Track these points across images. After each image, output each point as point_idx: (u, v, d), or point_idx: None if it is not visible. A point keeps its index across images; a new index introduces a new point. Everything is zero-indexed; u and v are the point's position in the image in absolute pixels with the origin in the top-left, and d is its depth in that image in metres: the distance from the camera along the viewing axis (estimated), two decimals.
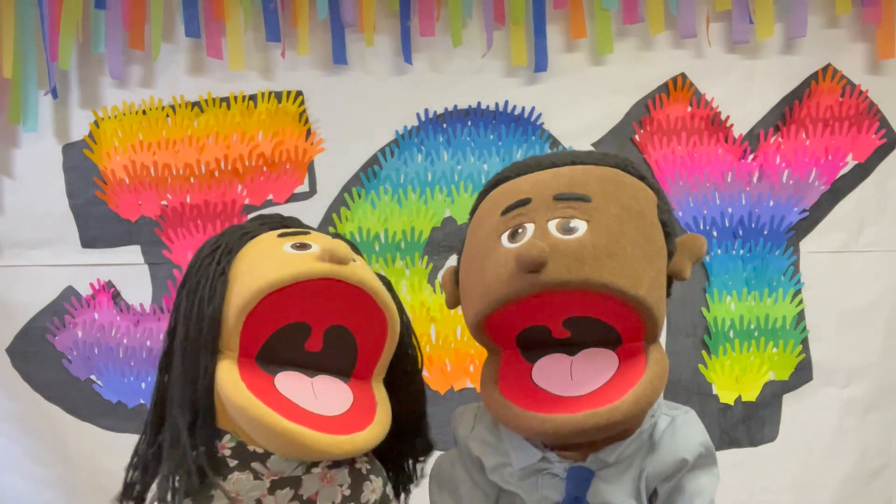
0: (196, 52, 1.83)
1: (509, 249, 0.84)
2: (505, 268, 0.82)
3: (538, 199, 0.86)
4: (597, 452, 0.86)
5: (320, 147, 1.83)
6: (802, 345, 1.79)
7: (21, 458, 1.79)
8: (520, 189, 0.90)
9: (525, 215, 0.86)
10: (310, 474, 0.92)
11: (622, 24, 1.81)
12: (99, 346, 1.82)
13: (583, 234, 0.82)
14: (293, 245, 0.92)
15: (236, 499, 0.89)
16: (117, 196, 1.82)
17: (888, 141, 1.80)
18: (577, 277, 0.80)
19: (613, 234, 0.83)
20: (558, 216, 0.84)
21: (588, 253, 0.81)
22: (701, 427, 0.91)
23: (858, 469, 1.78)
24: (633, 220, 0.85)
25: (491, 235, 0.88)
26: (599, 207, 0.84)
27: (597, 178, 0.87)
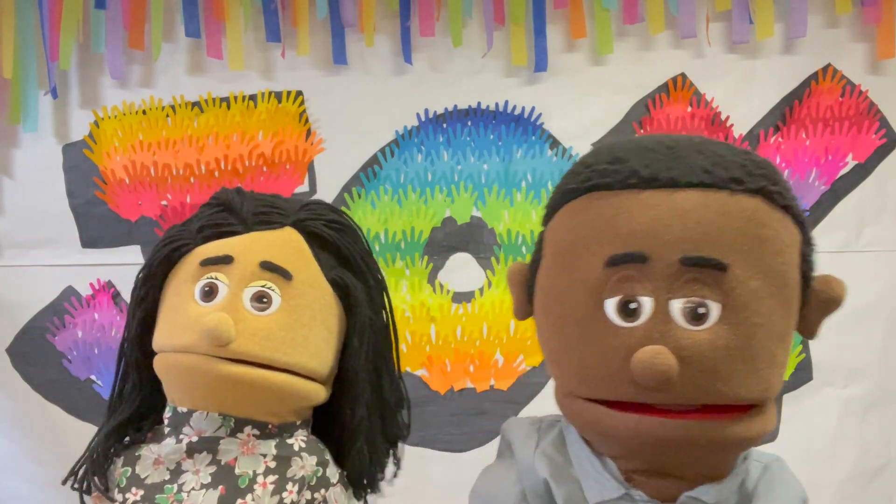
0: (196, 52, 1.83)
1: (619, 332, 0.69)
2: (614, 363, 0.68)
3: (658, 260, 0.68)
4: (690, 492, 0.72)
5: (320, 147, 1.83)
6: (802, 345, 1.79)
7: (21, 458, 1.79)
8: (631, 229, 0.69)
9: (640, 282, 0.68)
10: (231, 438, 0.94)
11: (622, 24, 1.81)
12: (99, 346, 1.82)
13: (715, 326, 0.67)
14: (201, 290, 0.92)
15: (158, 460, 0.95)
16: (117, 196, 1.82)
17: (888, 141, 1.80)
18: (706, 394, 0.67)
19: (752, 325, 0.68)
20: (685, 296, 0.67)
21: (721, 361, 0.66)
22: (795, 477, 0.80)
23: (858, 469, 1.78)
24: (775, 290, 0.70)
25: (592, 294, 0.71)
26: (737, 281, 0.68)
27: (735, 229, 0.68)
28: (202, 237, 0.97)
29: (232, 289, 0.91)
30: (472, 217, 1.83)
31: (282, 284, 0.93)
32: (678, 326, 0.67)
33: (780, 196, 0.71)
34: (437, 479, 1.73)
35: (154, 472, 0.94)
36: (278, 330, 0.92)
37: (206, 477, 0.93)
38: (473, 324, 1.80)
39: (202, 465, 0.93)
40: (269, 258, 0.93)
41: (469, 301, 1.81)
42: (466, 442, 1.79)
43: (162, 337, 0.95)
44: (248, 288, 0.92)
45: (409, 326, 1.80)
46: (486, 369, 1.80)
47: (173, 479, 0.93)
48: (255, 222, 0.97)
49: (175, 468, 0.94)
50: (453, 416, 1.80)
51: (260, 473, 0.93)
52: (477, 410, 1.79)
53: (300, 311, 0.94)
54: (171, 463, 0.94)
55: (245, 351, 0.89)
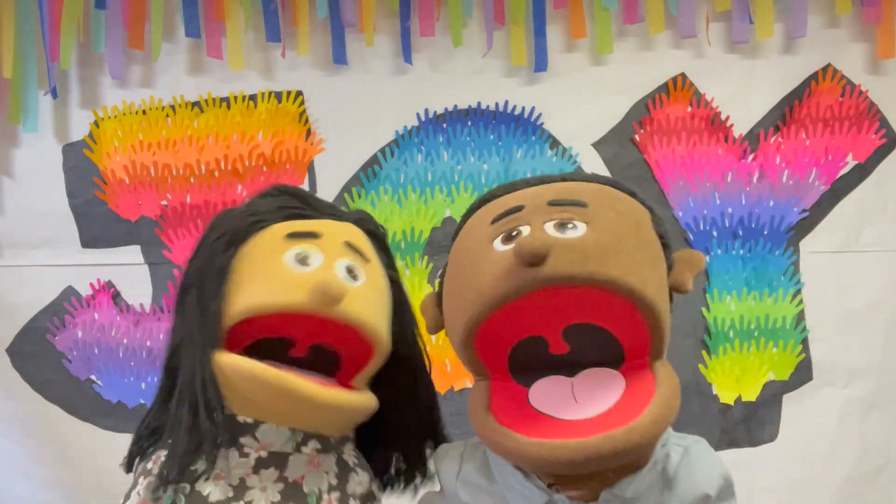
0: (196, 52, 1.83)
1: (505, 250, 0.76)
2: (501, 265, 0.75)
3: (532, 206, 0.80)
4: (610, 489, 0.76)
5: (320, 147, 1.83)
6: (802, 345, 1.79)
7: (21, 459, 1.79)
8: (510, 201, 0.84)
9: (519, 220, 0.79)
10: (298, 454, 0.92)
11: (622, 24, 1.81)
12: (99, 346, 1.82)
13: (584, 233, 0.76)
14: (295, 257, 0.91)
15: (219, 475, 0.88)
16: (117, 196, 1.82)
17: (888, 141, 1.80)
18: (583, 271, 0.72)
19: (615, 235, 0.76)
20: (556, 218, 0.77)
21: (591, 249, 0.73)
22: (716, 457, 0.85)
23: (858, 469, 1.78)
24: (632, 225, 0.80)
25: (481, 243, 0.81)
26: (597, 212, 0.78)
27: (590, 190, 0.84)
28: (281, 216, 0.96)
29: (326, 259, 0.92)
30: None
31: (363, 264, 0.96)
32: (552, 235, 0.76)
33: (623, 185, 0.87)
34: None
35: (215, 488, 0.87)
36: (371, 300, 0.94)
37: (275, 495, 0.89)
38: None
39: (269, 482, 0.89)
40: (351, 240, 0.96)
41: None
42: None
43: (254, 297, 0.88)
44: (339, 261, 0.93)
45: None
46: None
47: (238, 496, 0.88)
48: (327, 213, 1.01)
49: (239, 483, 0.89)
50: (453, 417, 1.78)
51: (325, 490, 0.92)
52: None
53: (379, 291, 0.97)
54: (234, 479, 0.88)
55: (349, 313, 0.89)
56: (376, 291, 0.96)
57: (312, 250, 0.92)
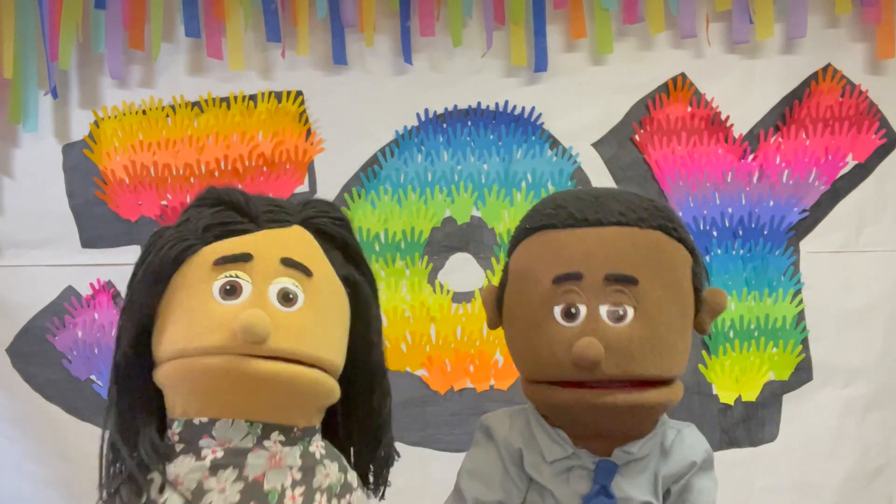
0: (196, 52, 1.83)
1: (564, 330, 0.94)
2: (560, 352, 0.93)
3: (589, 277, 0.94)
4: (622, 447, 0.97)
5: (320, 147, 1.83)
6: (802, 345, 1.79)
7: (21, 458, 1.78)
8: (569, 255, 0.97)
9: (577, 294, 0.95)
10: (259, 451, 0.89)
11: (622, 24, 1.81)
12: (99, 346, 1.82)
13: (630, 323, 0.93)
14: (222, 289, 0.88)
15: (176, 481, 0.87)
16: (117, 196, 1.82)
17: (888, 141, 1.80)
18: (626, 374, 0.92)
19: (657, 322, 0.94)
20: (609, 302, 0.94)
21: (636, 347, 0.92)
22: (703, 438, 1.05)
23: (858, 469, 1.78)
24: (673, 298, 0.96)
25: (544, 304, 0.96)
26: (645, 291, 0.94)
27: (643, 253, 0.96)
28: (211, 236, 0.92)
29: (256, 286, 0.88)
30: (472, 217, 1.83)
31: (303, 281, 0.91)
32: (605, 324, 0.93)
33: (674, 231, 0.98)
34: (437, 479, 1.72)
35: (172, 495, 0.87)
36: (308, 327, 0.89)
37: (235, 495, 0.87)
38: (473, 324, 1.80)
39: (227, 483, 0.88)
40: (289, 254, 0.91)
41: (469, 301, 1.81)
42: (466, 442, 1.77)
43: (178, 341, 0.88)
44: (272, 285, 0.89)
45: (409, 326, 1.80)
46: (486, 369, 1.80)
47: (196, 500, 0.87)
48: (265, 220, 0.95)
49: (196, 488, 0.87)
50: (453, 416, 1.80)
51: (288, 487, 0.90)
52: (477, 410, 1.78)
53: (322, 309, 0.92)
54: (191, 483, 0.87)
55: (281, 347, 0.86)
56: (318, 311, 0.92)
57: (242, 278, 0.88)
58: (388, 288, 1.80)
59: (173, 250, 0.91)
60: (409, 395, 1.78)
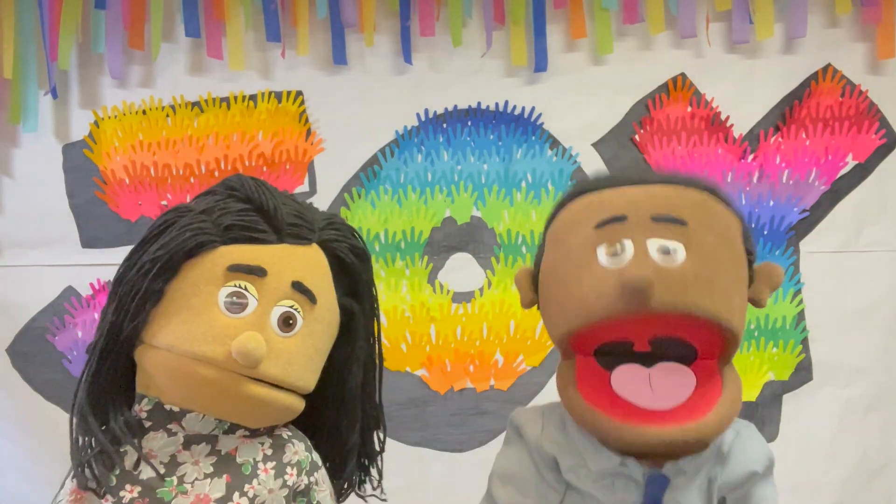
0: (196, 52, 1.83)
1: (609, 268, 0.85)
2: (606, 287, 0.83)
3: (635, 218, 0.86)
4: (675, 462, 0.88)
5: (320, 147, 1.83)
6: (802, 345, 1.79)
7: (21, 458, 1.78)
8: (613, 203, 0.89)
9: (623, 231, 0.86)
10: (228, 435, 0.94)
11: (622, 24, 1.81)
12: None
13: (683, 259, 0.84)
14: (229, 300, 0.89)
15: (150, 454, 0.92)
16: (117, 196, 1.82)
17: (888, 141, 1.80)
18: (684, 305, 0.82)
19: (711, 262, 0.85)
20: (658, 237, 0.85)
21: (690, 280, 0.82)
22: (763, 440, 0.96)
23: (858, 469, 1.78)
24: (726, 248, 0.88)
25: (585, 247, 0.88)
26: (696, 234, 0.85)
27: (691, 203, 0.88)
28: (230, 237, 0.92)
29: (262, 305, 0.90)
30: (472, 217, 1.83)
31: (306, 307, 0.93)
32: (654, 259, 0.84)
33: (721, 194, 0.92)
34: (437, 479, 1.74)
35: (146, 467, 0.91)
36: (298, 355, 0.92)
37: (209, 467, 0.92)
38: (473, 324, 1.80)
39: (201, 457, 0.93)
40: (300, 279, 0.92)
41: (469, 301, 1.81)
42: (466, 442, 1.79)
43: (176, 337, 0.89)
44: (276, 307, 0.91)
45: (409, 326, 1.80)
46: (486, 369, 1.80)
47: (170, 471, 0.91)
48: (288, 234, 0.95)
49: (170, 461, 0.92)
50: (453, 416, 1.80)
51: (259, 460, 0.95)
52: (477, 410, 1.79)
53: (316, 337, 0.95)
54: (164, 456, 0.92)
55: (270, 374, 0.89)
56: (312, 339, 0.94)
57: (251, 293, 0.90)
58: (388, 288, 1.80)
59: (190, 241, 0.92)
60: (409, 395, 1.78)
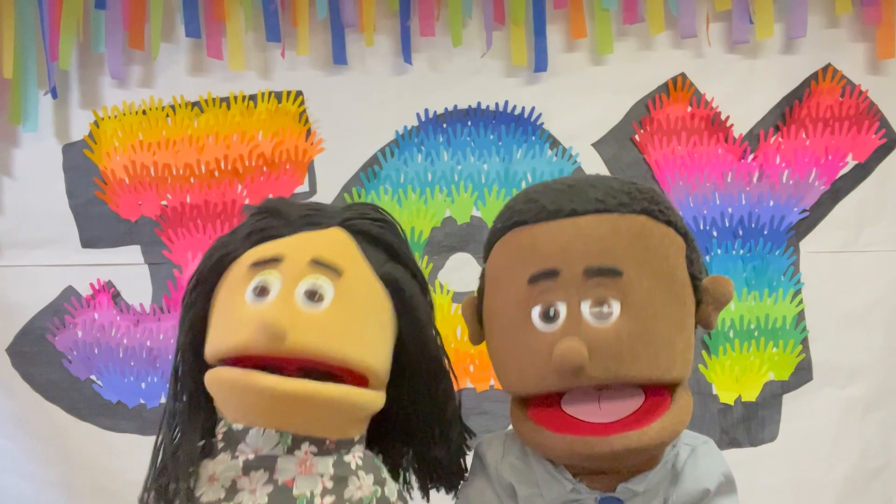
0: (196, 52, 1.83)
1: (543, 335, 0.84)
2: (541, 360, 0.84)
3: (567, 273, 0.84)
4: (625, 482, 0.88)
5: (320, 147, 1.83)
6: (802, 345, 1.79)
7: (21, 458, 1.78)
8: (544, 251, 0.86)
9: (555, 291, 0.84)
10: (289, 456, 0.90)
11: (622, 24, 1.81)
12: (99, 346, 1.82)
13: (617, 319, 0.83)
14: (254, 289, 0.90)
15: (213, 477, 0.90)
16: (117, 196, 1.82)
17: (888, 141, 1.80)
18: (615, 376, 0.82)
19: (648, 316, 0.83)
20: (591, 297, 0.83)
21: (625, 346, 0.82)
22: (721, 456, 0.95)
23: (858, 469, 1.78)
24: (665, 288, 0.85)
25: (521, 308, 0.87)
26: (632, 282, 0.83)
27: (626, 240, 0.85)
28: (250, 242, 0.95)
29: (284, 285, 0.89)
30: (472, 217, 1.83)
31: (333, 280, 0.91)
32: (588, 324, 0.83)
33: (661, 213, 0.87)
34: None
35: (209, 489, 0.90)
36: (334, 324, 0.89)
37: (263, 497, 0.89)
38: None
39: (259, 485, 0.89)
40: (318, 255, 0.92)
41: None
42: None
43: (215, 341, 0.92)
44: (300, 284, 0.90)
45: None
46: (486, 369, 1.79)
47: (229, 497, 0.89)
48: (302, 224, 0.96)
49: (230, 486, 0.90)
50: None
51: (318, 494, 0.90)
52: (477, 410, 1.79)
53: (353, 307, 0.92)
54: (225, 480, 0.90)
55: (302, 345, 0.87)
56: (348, 309, 0.91)
57: (273, 278, 0.90)
58: None
59: (214, 256, 0.96)
60: None
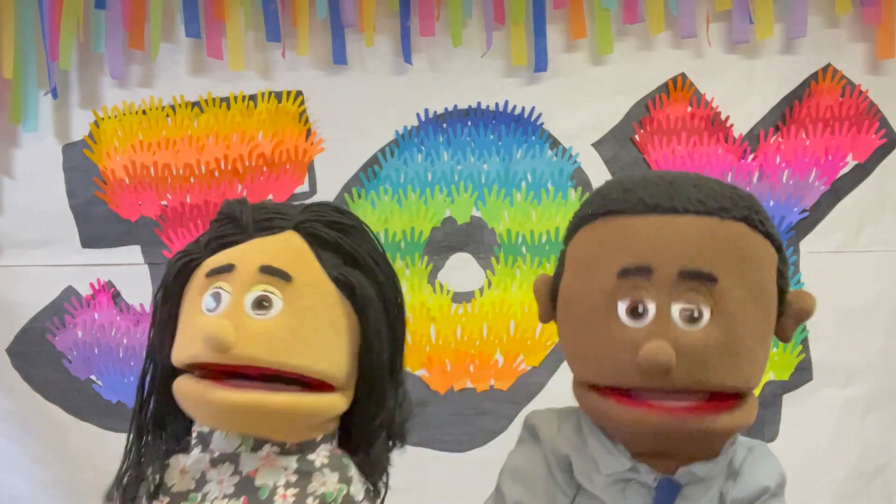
0: (196, 52, 1.83)
1: (629, 331, 0.83)
2: (623, 355, 0.82)
3: (661, 272, 0.82)
4: (687, 466, 0.87)
5: (320, 147, 1.83)
6: (802, 345, 1.79)
7: (21, 458, 1.79)
8: (639, 246, 0.84)
9: (647, 289, 0.82)
10: (252, 454, 0.94)
11: (622, 24, 1.81)
12: (99, 346, 1.82)
13: (706, 327, 0.81)
14: (208, 300, 0.92)
15: (184, 470, 0.95)
16: (117, 196, 1.82)
17: (888, 141, 1.80)
18: (699, 384, 0.81)
19: (736, 327, 0.82)
20: (682, 300, 0.82)
21: (711, 354, 0.81)
22: (777, 459, 0.96)
23: (858, 469, 1.78)
24: (756, 300, 0.85)
25: (607, 299, 0.84)
26: (724, 290, 0.82)
27: (723, 246, 0.83)
28: (209, 250, 0.97)
29: (234, 296, 0.91)
30: (472, 217, 1.83)
31: (282, 287, 0.92)
32: (677, 326, 0.81)
33: (760, 223, 0.86)
34: (437, 479, 1.73)
35: (180, 481, 0.94)
36: (281, 332, 0.90)
37: (230, 487, 0.93)
38: (473, 324, 1.80)
39: (226, 476, 0.93)
40: (267, 262, 0.92)
41: (469, 301, 1.81)
42: (466, 442, 1.79)
43: (176, 350, 0.95)
44: (248, 293, 0.91)
45: (409, 326, 1.78)
46: (486, 369, 1.80)
47: (198, 488, 0.94)
48: (256, 229, 0.97)
49: (200, 477, 0.94)
50: (453, 416, 1.80)
51: (280, 486, 0.93)
52: (477, 410, 1.79)
53: (303, 313, 0.93)
54: (196, 472, 0.94)
55: (248, 355, 0.88)
56: (298, 316, 0.92)
57: (225, 288, 0.92)
58: None
59: (176, 265, 0.97)
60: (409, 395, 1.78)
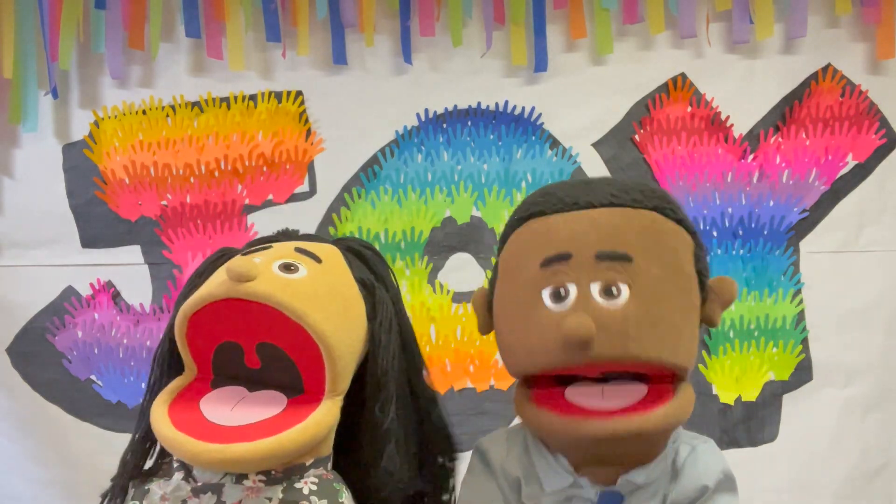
0: (196, 52, 1.83)
1: (553, 313, 0.87)
2: (549, 335, 0.85)
3: (579, 256, 0.87)
4: (626, 475, 0.89)
5: (320, 147, 1.83)
6: (802, 345, 1.79)
7: (21, 458, 1.79)
8: (558, 237, 0.90)
9: (566, 273, 0.87)
10: (237, 485, 0.91)
11: (622, 24, 1.81)
12: (99, 346, 1.82)
13: (626, 301, 0.85)
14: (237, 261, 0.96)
15: (164, 497, 0.93)
16: (117, 196, 1.82)
17: (888, 141, 1.80)
18: (623, 354, 0.84)
19: (655, 300, 0.86)
20: (601, 279, 0.86)
21: (632, 325, 0.84)
22: (721, 455, 0.97)
23: (858, 469, 1.78)
24: (673, 278, 0.89)
25: (531, 288, 0.89)
26: (641, 269, 0.86)
27: (637, 231, 0.89)
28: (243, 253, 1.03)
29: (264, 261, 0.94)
30: (472, 217, 1.83)
31: (310, 263, 0.96)
32: (597, 303, 0.85)
33: (671, 212, 0.92)
34: None
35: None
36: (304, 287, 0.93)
37: None
38: (473, 324, 1.78)
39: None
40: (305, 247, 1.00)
41: (469, 301, 1.81)
42: (466, 442, 1.77)
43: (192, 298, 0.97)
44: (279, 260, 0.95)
45: None
46: (486, 369, 1.80)
47: None
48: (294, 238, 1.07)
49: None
50: (453, 416, 1.78)
51: None
52: (477, 410, 1.79)
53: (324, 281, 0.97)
54: (176, 501, 0.92)
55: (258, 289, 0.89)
56: (315, 284, 0.94)
57: (256, 257, 0.95)
58: None
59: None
60: None
